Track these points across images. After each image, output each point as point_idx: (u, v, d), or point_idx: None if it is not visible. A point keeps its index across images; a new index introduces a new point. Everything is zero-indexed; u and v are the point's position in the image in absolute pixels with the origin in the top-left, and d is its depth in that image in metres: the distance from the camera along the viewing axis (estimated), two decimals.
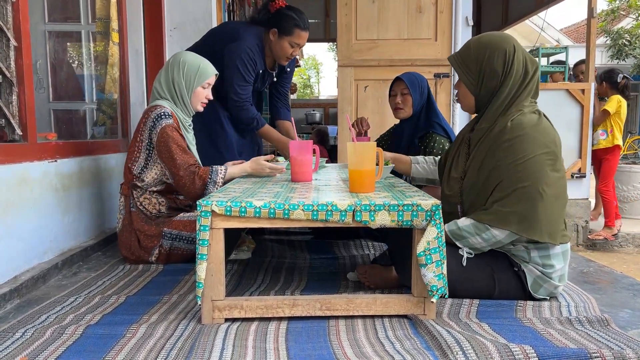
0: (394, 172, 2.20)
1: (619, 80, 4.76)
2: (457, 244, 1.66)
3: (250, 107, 2.57)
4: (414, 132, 2.46)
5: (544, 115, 1.68)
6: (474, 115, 1.82)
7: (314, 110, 7.48)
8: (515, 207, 1.58)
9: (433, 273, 1.46)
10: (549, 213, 1.59)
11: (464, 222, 1.65)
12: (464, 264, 1.65)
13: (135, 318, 1.55)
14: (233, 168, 2.18)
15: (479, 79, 1.68)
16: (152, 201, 2.22)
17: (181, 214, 2.23)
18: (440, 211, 1.48)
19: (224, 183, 2.14)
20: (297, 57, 8.44)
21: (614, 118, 4.72)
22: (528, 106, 1.66)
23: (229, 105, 2.59)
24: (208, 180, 2.11)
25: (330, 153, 5.59)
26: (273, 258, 2.27)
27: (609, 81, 4.79)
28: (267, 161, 2.14)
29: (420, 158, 2.14)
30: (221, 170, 2.14)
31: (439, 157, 2.10)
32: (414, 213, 1.47)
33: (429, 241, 1.46)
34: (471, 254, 1.67)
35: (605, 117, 4.72)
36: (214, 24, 3.75)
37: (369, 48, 4.13)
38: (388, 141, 2.68)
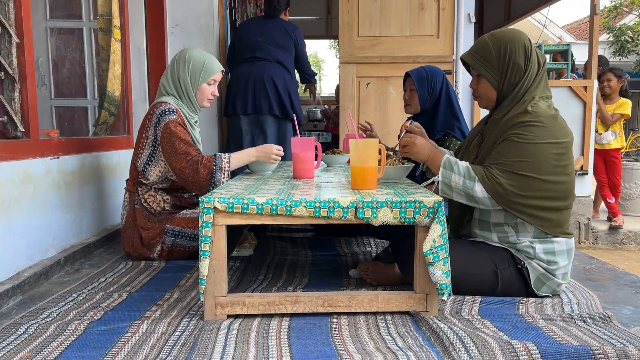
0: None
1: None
2: (441, 171, 1.66)
3: None
4: (429, 130, 2.35)
5: (560, 115, 1.69)
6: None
7: (315, 108, 7.46)
8: (503, 180, 1.58)
9: (441, 271, 1.46)
10: (537, 198, 1.60)
11: (462, 162, 1.65)
12: (436, 190, 1.67)
13: (138, 314, 1.55)
14: (238, 153, 2.16)
15: (502, 75, 1.69)
16: (157, 198, 2.21)
17: (184, 211, 2.23)
18: (443, 208, 1.48)
19: (232, 170, 2.13)
20: None
21: (622, 120, 4.80)
22: (542, 98, 1.67)
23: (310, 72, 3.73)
24: (214, 167, 2.06)
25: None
26: (275, 255, 2.27)
27: (619, 80, 4.79)
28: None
29: (448, 153, 2.09)
30: (225, 156, 2.11)
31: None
32: (417, 210, 1.47)
33: (435, 239, 1.46)
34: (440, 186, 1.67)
35: (618, 119, 4.78)
36: (216, 21, 3.75)
37: (371, 45, 4.12)
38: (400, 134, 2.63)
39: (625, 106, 4.78)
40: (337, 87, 6.27)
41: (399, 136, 1.94)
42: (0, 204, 1.81)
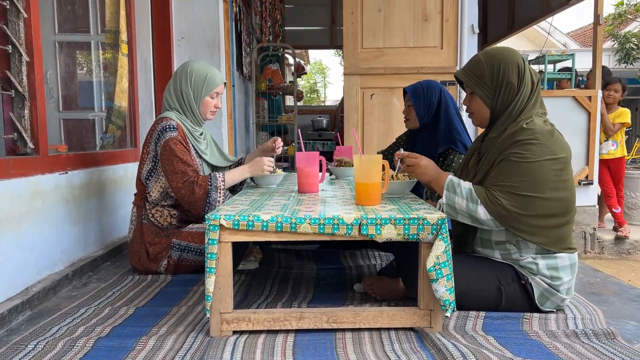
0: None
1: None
2: (444, 193, 1.67)
3: None
4: (430, 144, 2.37)
5: (557, 129, 1.70)
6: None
7: (320, 117, 7.50)
8: (505, 201, 1.59)
9: (444, 287, 1.47)
10: (540, 217, 1.60)
11: (465, 184, 1.67)
12: (440, 209, 1.68)
13: (145, 330, 1.57)
14: (232, 171, 2.21)
15: (495, 93, 1.70)
16: (164, 213, 2.23)
17: (190, 225, 2.25)
18: (446, 225, 1.49)
19: (228, 188, 2.17)
20: (303, 62, 8.47)
21: (623, 129, 4.82)
22: (537, 115, 1.68)
23: None
24: (209, 187, 2.10)
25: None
26: (280, 268, 2.29)
27: (624, 92, 4.84)
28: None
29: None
30: (219, 175, 2.15)
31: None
32: (420, 227, 1.49)
33: (438, 255, 1.47)
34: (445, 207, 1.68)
35: (619, 129, 4.81)
36: (221, 33, 3.79)
37: (375, 56, 4.16)
38: (403, 145, 2.62)
39: (624, 115, 4.81)
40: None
41: (393, 166, 1.95)
42: (10, 220, 1.84)
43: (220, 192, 2.12)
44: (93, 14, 3.24)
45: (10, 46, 1.93)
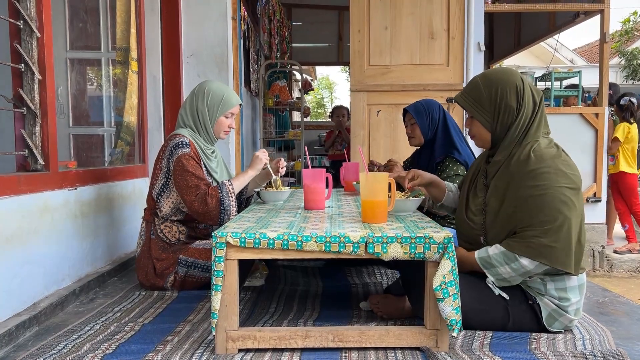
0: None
1: (622, 103, 4.77)
2: (487, 273, 1.66)
3: None
4: (431, 157, 2.50)
5: (562, 150, 1.69)
6: None
7: (326, 133, 7.52)
8: (544, 239, 1.56)
9: (451, 307, 1.46)
10: (572, 244, 1.59)
11: (494, 250, 1.64)
12: (496, 293, 1.65)
13: (151, 347, 1.57)
14: (238, 176, 2.28)
15: (494, 116, 1.70)
16: (173, 229, 2.25)
17: (197, 241, 2.26)
18: (453, 244, 1.49)
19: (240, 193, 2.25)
20: (310, 78, 8.56)
21: (623, 145, 4.76)
22: (542, 136, 1.68)
23: None
24: (220, 195, 2.13)
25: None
26: (286, 285, 2.29)
27: (617, 104, 4.82)
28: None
29: (452, 186, 2.09)
30: (227, 182, 2.20)
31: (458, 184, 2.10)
32: (426, 245, 1.48)
33: (445, 275, 1.47)
34: (496, 285, 1.66)
35: (617, 145, 4.75)
36: (230, 50, 3.84)
37: (381, 73, 4.19)
38: (409, 166, 2.71)
39: (616, 130, 4.78)
40: (333, 109, 6.32)
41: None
42: (20, 235, 1.86)
43: (231, 197, 2.16)
44: (104, 32, 3.30)
45: (23, 65, 1.97)
